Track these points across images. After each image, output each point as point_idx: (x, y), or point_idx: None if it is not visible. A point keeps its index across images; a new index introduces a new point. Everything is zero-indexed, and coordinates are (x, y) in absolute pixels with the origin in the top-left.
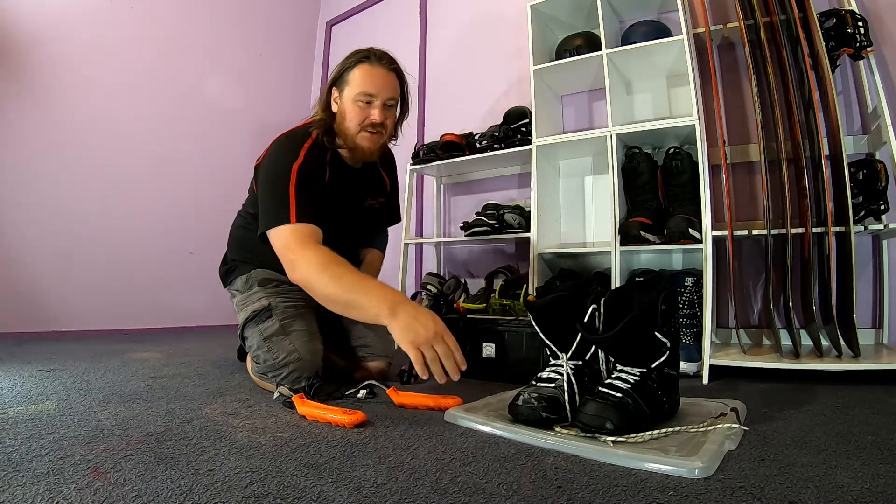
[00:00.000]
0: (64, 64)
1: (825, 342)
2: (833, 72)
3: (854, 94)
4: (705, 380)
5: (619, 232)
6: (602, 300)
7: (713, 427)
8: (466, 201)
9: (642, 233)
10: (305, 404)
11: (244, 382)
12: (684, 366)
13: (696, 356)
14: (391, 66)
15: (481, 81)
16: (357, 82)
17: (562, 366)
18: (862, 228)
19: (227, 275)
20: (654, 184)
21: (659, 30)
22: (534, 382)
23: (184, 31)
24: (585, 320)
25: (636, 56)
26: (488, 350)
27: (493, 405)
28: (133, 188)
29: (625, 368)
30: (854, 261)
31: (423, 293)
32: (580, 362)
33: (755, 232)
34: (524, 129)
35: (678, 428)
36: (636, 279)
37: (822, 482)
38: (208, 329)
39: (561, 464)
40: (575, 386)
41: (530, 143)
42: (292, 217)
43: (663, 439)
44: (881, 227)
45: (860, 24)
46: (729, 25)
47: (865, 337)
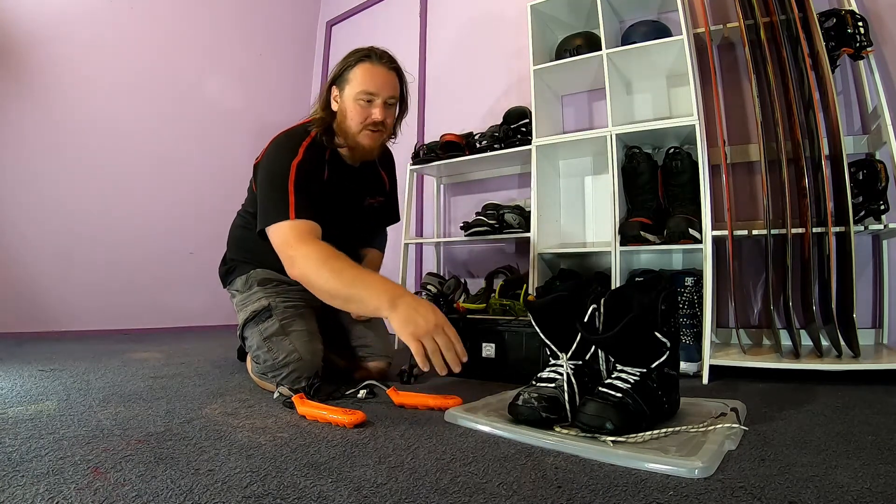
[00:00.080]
0: (64, 64)
1: (825, 342)
2: (833, 72)
3: (854, 94)
4: (705, 380)
5: (619, 232)
6: (602, 300)
7: (713, 427)
8: (466, 201)
9: (642, 233)
10: (305, 404)
11: (244, 382)
12: (684, 366)
13: (696, 356)
14: (391, 65)
15: (481, 81)
16: (358, 81)
17: (562, 366)
18: (862, 228)
19: (227, 275)
20: (654, 184)
21: (659, 30)
22: (534, 382)
23: (184, 31)
24: (585, 320)
25: (636, 56)
26: (488, 350)
27: (493, 405)
28: (133, 188)
29: (625, 368)
30: (854, 261)
31: (423, 293)
32: (580, 362)
33: (755, 232)
34: (524, 129)
35: (678, 428)
36: (636, 279)
37: (822, 482)
38: (208, 329)
39: (561, 464)
40: (575, 386)
41: (530, 143)
42: (291, 213)
43: (663, 439)
44: (881, 227)
45: (860, 24)
46: (729, 25)
47: (865, 337)
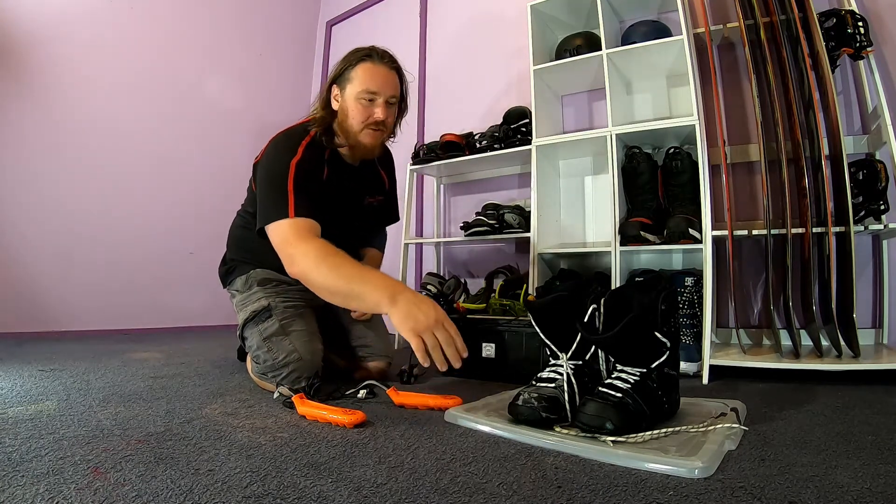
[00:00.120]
0: (64, 64)
1: (825, 342)
2: (833, 72)
3: (854, 94)
4: (705, 380)
5: (619, 232)
6: (602, 300)
7: (713, 427)
8: (466, 201)
9: (642, 233)
10: (305, 404)
11: (244, 382)
12: (684, 366)
13: (696, 356)
14: (392, 65)
15: (481, 81)
16: (360, 80)
17: (562, 366)
18: (862, 228)
19: (227, 275)
20: (654, 184)
21: (659, 30)
22: (534, 382)
23: (184, 31)
24: (585, 320)
25: (636, 56)
26: (488, 350)
27: (493, 405)
28: (133, 188)
29: (625, 368)
30: (854, 261)
31: (423, 293)
32: (580, 362)
33: (755, 232)
34: (524, 129)
35: (678, 428)
36: (636, 279)
37: (822, 482)
38: (208, 329)
39: (561, 464)
40: (575, 386)
41: (530, 143)
42: (290, 212)
43: (663, 439)
44: (881, 227)
45: (860, 24)
46: (729, 25)
47: (865, 337)
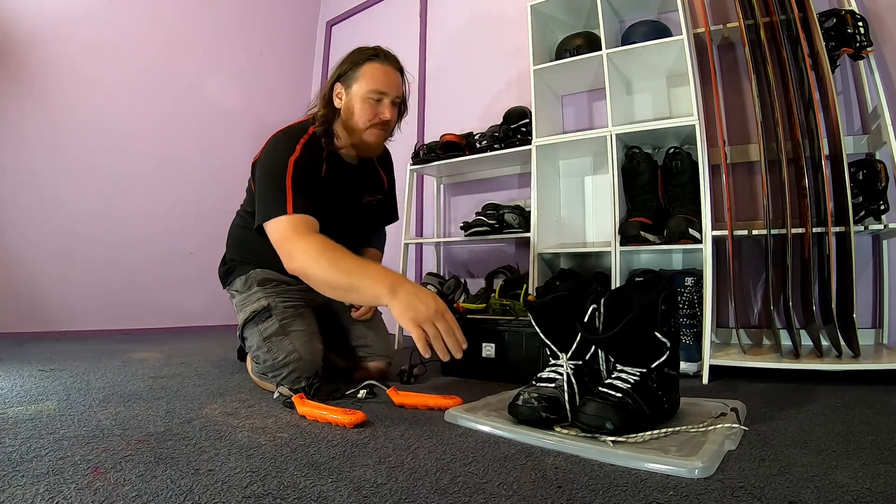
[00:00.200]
0: (64, 64)
1: (825, 342)
2: (833, 72)
3: (854, 94)
4: (705, 380)
5: (619, 232)
6: (602, 300)
7: (713, 427)
8: (466, 201)
9: (642, 233)
10: (305, 404)
11: (244, 382)
12: (684, 366)
13: (696, 356)
14: (398, 66)
15: (481, 81)
16: (368, 80)
17: (562, 366)
18: (862, 228)
19: (227, 275)
20: (654, 184)
21: (659, 30)
22: (534, 382)
23: (184, 31)
24: (585, 320)
25: (636, 56)
26: (488, 350)
27: (493, 405)
28: (133, 188)
29: (625, 368)
30: (854, 261)
31: None
32: (580, 362)
33: (755, 232)
34: (524, 129)
35: (678, 428)
36: (636, 279)
37: (822, 482)
38: (208, 329)
39: (561, 464)
40: (575, 386)
41: (530, 143)
42: (289, 208)
43: (663, 439)
44: (881, 227)
45: (860, 24)
46: (729, 25)
47: (865, 337)
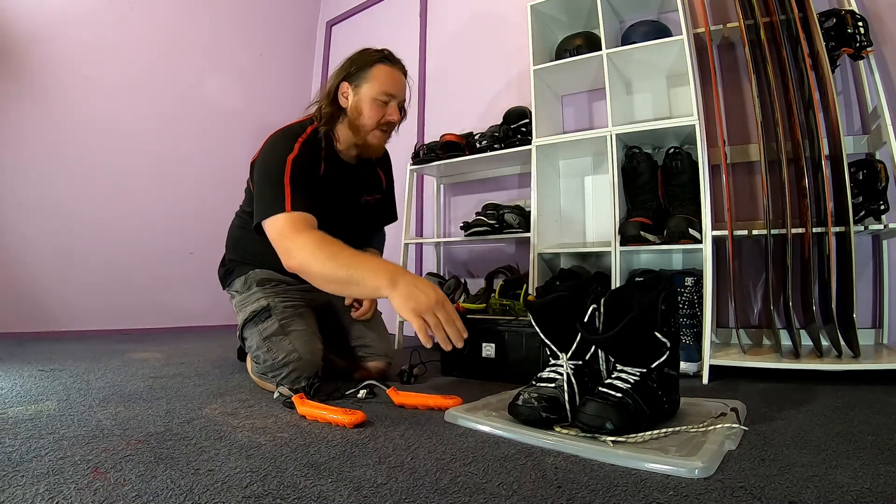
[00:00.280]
0: (64, 64)
1: (825, 342)
2: (833, 72)
3: (854, 94)
4: (705, 380)
5: (619, 232)
6: (602, 300)
7: (713, 427)
8: (466, 201)
9: (642, 233)
10: (305, 404)
11: (244, 382)
12: (684, 366)
13: (696, 356)
14: (404, 70)
15: (481, 81)
16: (380, 81)
17: (562, 366)
18: (862, 228)
19: (226, 276)
20: (654, 184)
21: (659, 30)
22: (534, 382)
23: (184, 31)
24: (585, 320)
25: (636, 56)
26: (488, 350)
27: (493, 405)
28: (133, 188)
29: (625, 368)
30: (854, 261)
31: None
32: (580, 362)
33: (755, 232)
34: (524, 129)
35: (678, 428)
36: (636, 279)
37: (822, 482)
38: (208, 329)
39: (561, 464)
40: (575, 386)
41: (530, 143)
42: (287, 206)
43: (663, 439)
44: (881, 227)
45: (860, 24)
46: (729, 25)
47: (865, 337)
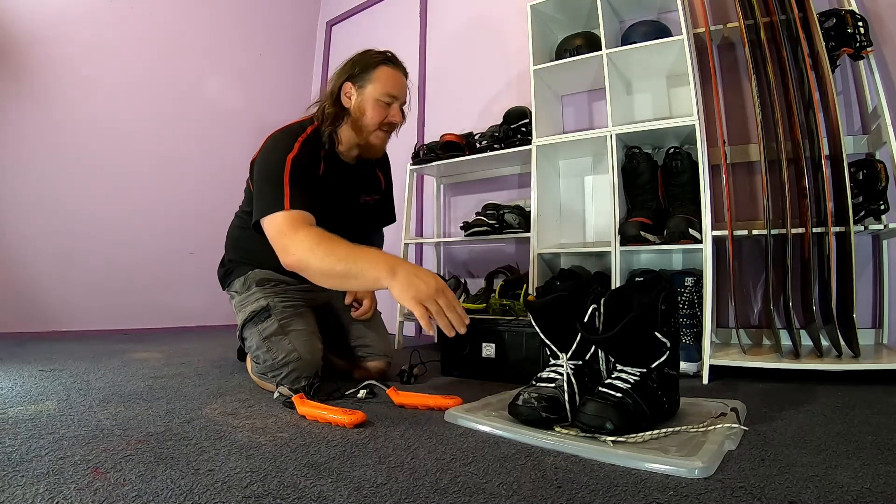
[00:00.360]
0: (64, 64)
1: (825, 342)
2: (833, 72)
3: (854, 94)
4: (705, 380)
5: (619, 232)
6: (602, 300)
7: (713, 427)
8: (466, 201)
9: (642, 233)
10: (305, 404)
11: (244, 382)
12: (684, 366)
13: (696, 356)
14: (406, 73)
15: (481, 81)
16: (384, 83)
17: (562, 366)
18: (862, 228)
19: (226, 277)
20: (654, 184)
21: (659, 30)
22: (534, 382)
23: (184, 31)
24: (585, 320)
25: (636, 56)
26: (488, 350)
27: (493, 405)
28: (133, 188)
29: (625, 368)
30: (854, 261)
31: None
32: (580, 362)
33: (755, 232)
34: (524, 129)
35: (678, 428)
36: (636, 279)
37: (822, 482)
38: (208, 329)
39: (561, 464)
40: (575, 386)
41: (530, 143)
42: (286, 204)
43: (663, 439)
44: (881, 227)
45: (860, 24)
46: (729, 25)
47: (865, 337)
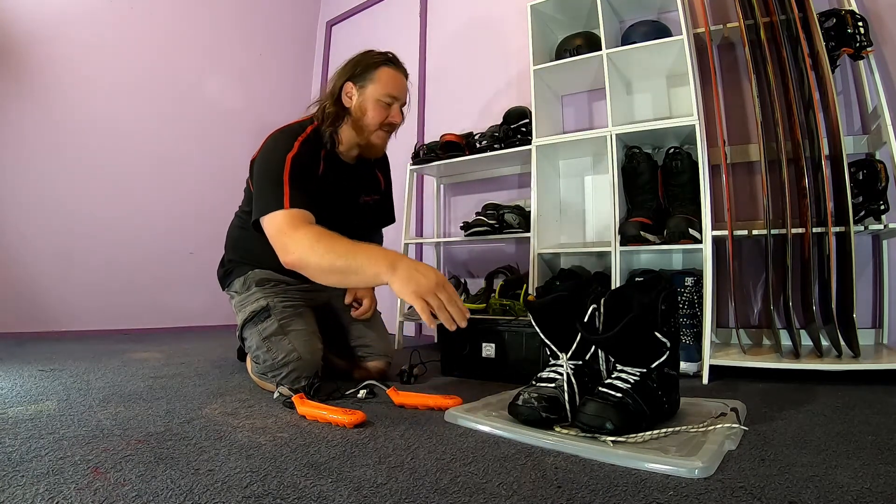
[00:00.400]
0: (64, 64)
1: (825, 342)
2: (833, 72)
3: (854, 94)
4: (705, 380)
5: (619, 232)
6: (602, 300)
7: (713, 427)
8: (466, 201)
9: (642, 233)
10: (305, 404)
11: (244, 382)
12: (684, 366)
13: (696, 356)
14: (406, 74)
15: (481, 81)
16: (384, 84)
17: (562, 366)
18: (862, 228)
19: (225, 277)
20: (654, 184)
21: (659, 30)
22: (534, 382)
23: (184, 31)
24: (585, 320)
25: (636, 56)
26: (488, 350)
27: (493, 405)
28: (133, 188)
29: (625, 368)
30: (854, 261)
31: None
32: (580, 362)
33: (755, 232)
34: (524, 129)
35: (678, 428)
36: (636, 279)
37: (822, 482)
38: (208, 329)
39: (561, 464)
40: (575, 386)
41: (530, 143)
42: (286, 203)
43: (663, 439)
44: (881, 227)
45: (860, 24)
46: (729, 25)
47: (865, 337)
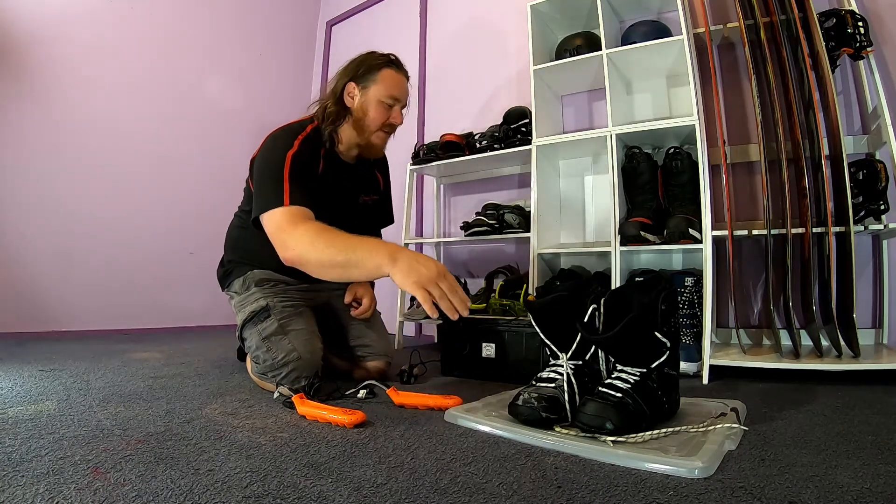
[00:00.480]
0: (64, 64)
1: (825, 342)
2: (833, 72)
3: (854, 94)
4: (705, 380)
5: (619, 232)
6: (602, 300)
7: (713, 427)
8: (466, 201)
9: (642, 233)
10: (305, 404)
11: (244, 382)
12: (684, 366)
13: (696, 356)
14: (407, 76)
15: (481, 81)
16: (387, 85)
17: (562, 366)
18: (862, 228)
19: (225, 277)
20: (654, 184)
21: (659, 30)
22: (534, 382)
23: (184, 31)
24: (585, 320)
25: (636, 56)
26: (488, 350)
27: (493, 405)
28: (133, 188)
29: (625, 368)
30: (854, 261)
31: None
32: (580, 362)
33: (755, 232)
34: (524, 129)
35: (678, 428)
36: (636, 279)
37: (822, 482)
38: (208, 329)
39: (561, 464)
40: (575, 386)
41: (530, 143)
42: (286, 201)
43: (663, 439)
44: (881, 227)
45: (860, 24)
46: (729, 25)
47: (865, 337)
